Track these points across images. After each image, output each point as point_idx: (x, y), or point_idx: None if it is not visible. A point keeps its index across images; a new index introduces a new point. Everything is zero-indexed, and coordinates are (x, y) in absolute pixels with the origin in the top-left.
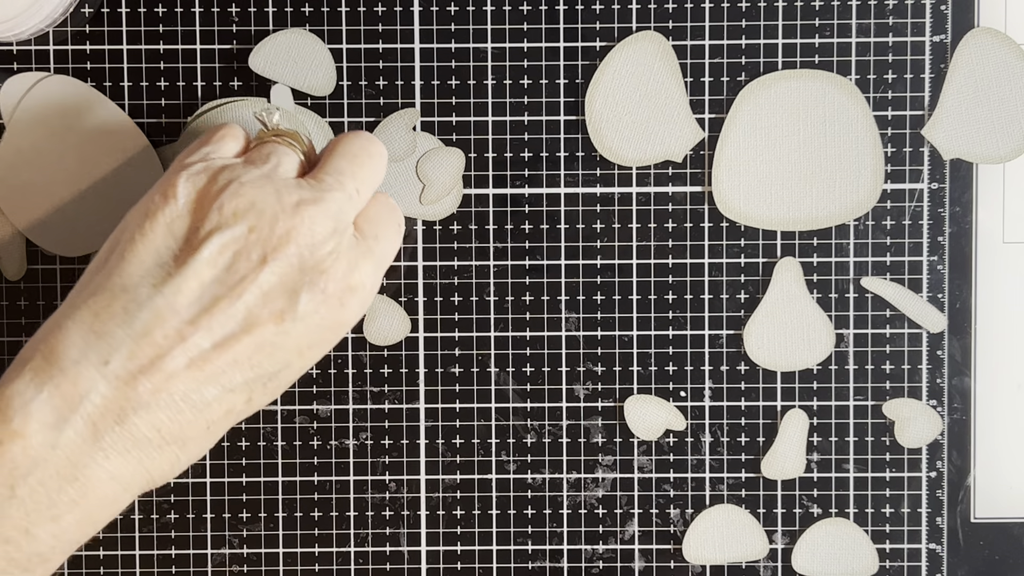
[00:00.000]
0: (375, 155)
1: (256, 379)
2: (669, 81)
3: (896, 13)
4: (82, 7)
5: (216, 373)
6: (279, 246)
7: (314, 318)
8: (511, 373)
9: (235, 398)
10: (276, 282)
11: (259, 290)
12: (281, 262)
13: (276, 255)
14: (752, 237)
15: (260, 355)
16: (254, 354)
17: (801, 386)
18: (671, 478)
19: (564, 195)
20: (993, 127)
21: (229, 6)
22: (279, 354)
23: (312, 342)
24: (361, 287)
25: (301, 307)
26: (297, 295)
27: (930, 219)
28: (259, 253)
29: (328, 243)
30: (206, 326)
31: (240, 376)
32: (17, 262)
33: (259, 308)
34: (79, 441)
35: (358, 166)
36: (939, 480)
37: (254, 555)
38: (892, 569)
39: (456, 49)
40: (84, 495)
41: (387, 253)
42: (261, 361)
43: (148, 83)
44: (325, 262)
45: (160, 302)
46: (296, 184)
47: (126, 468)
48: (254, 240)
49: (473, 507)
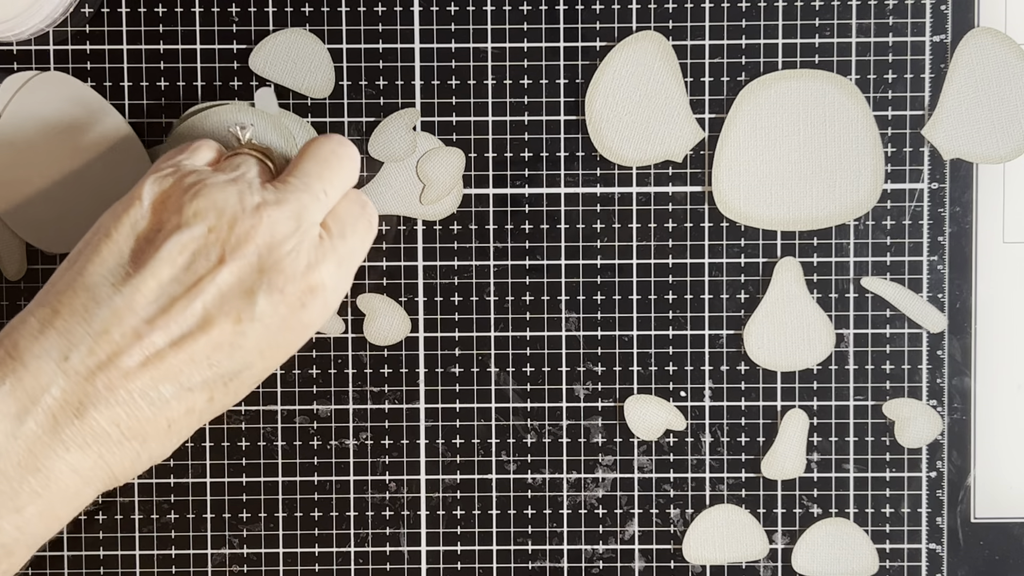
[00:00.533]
0: (344, 157)
1: (216, 378)
2: (669, 81)
3: (896, 13)
4: (82, 7)
5: (173, 371)
6: (237, 246)
7: (273, 318)
8: (511, 373)
9: (195, 397)
10: (234, 282)
11: (216, 290)
12: (239, 262)
13: (234, 255)
14: (752, 237)
15: (219, 354)
16: (212, 353)
17: (801, 386)
18: (671, 478)
19: (564, 195)
20: (993, 127)
21: (229, 6)
22: (239, 354)
23: (273, 343)
24: (322, 287)
25: (259, 307)
26: (255, 295)
27: (930, 219)
28: (217, 253)
29: (287, 243)
30: (163, 325)
31: (199, 375)
32: (17, 262)
33: (216, 308)
34: (40, 432)
35: (326, 167)
36: (939, 480)
37: (254, 555)
38: (892, 569)
39: (456, 49)
40: (46, 486)
41: (354, 251)
42: (220, 360)
43: (148, 83)
44: (283, 262)
45: (119, 301)
46: (260, 187)
47: (86, 461)
48: (213, 240)
49: (473, 507)
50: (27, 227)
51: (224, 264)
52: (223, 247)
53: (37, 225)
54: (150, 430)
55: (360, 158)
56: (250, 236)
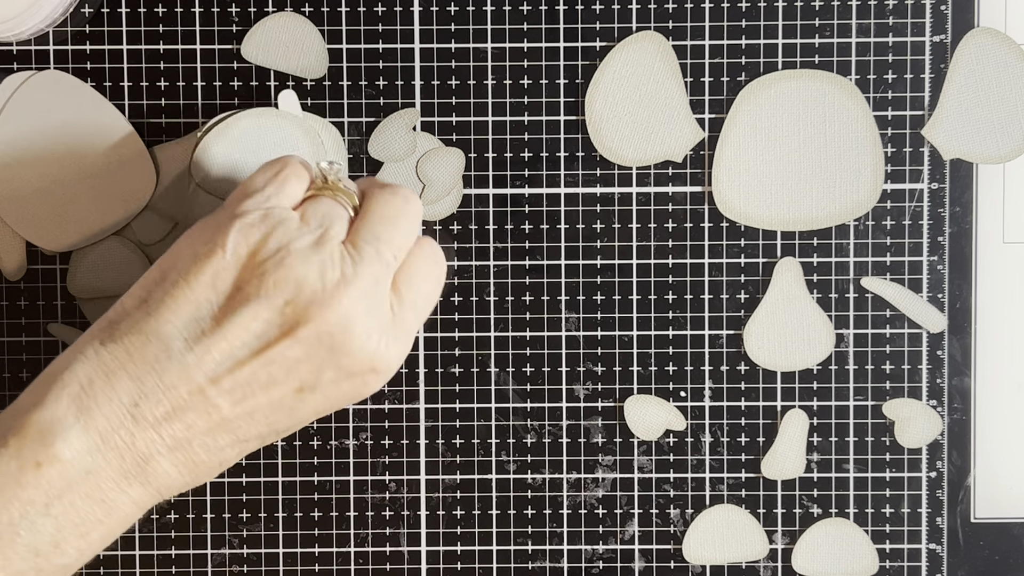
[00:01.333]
0: (411, 215)
1: (271, 433)
2: (669, 81)
3: (896, 13)
4: (82, 7)
5: (232, 427)
6: (310, 322)
7: (335, 391)
8: (511, 373)
9: (249, 446)
10: (302, 355)
11: (284, 360)
12: (310, 338)
13: (307, 331)
14: (752, 237)
15: (277, 415)
16: (271, 414)
17: (801, 386)
18: (671, 478)
19: (564, 195)
20: (993, 127)
21: (229, 6)
22: (296, 416)
23: (329, 407)
24: (387, 370)
25: (323, 382)
26: (321, 371)
27: (930, 219)
28: (291, 325)
29: (359, 324)
30: (228, 388)
31: (255, 430)
32: (17, 262)
33: (282, 376)
34: (108, 470)
35: (396, 231)
36: (939, 480)
37: (254, 555)
38: (892, 569)
39: (456, 49)
40: (109, 515)
41: (422, 317)
42: (278, 420)
43: (148, 83)
44: (353, 345)
45: (190, 359)
46: (340, 257)
47: (146, 495)
48: (289, 313)
49: (473, 507)
50: (27, 226)
51: (294, 338)
52: (297, 320)
53: (37, 224)
54: (203, 472)
55: (423, 211)
56: (324, 316)
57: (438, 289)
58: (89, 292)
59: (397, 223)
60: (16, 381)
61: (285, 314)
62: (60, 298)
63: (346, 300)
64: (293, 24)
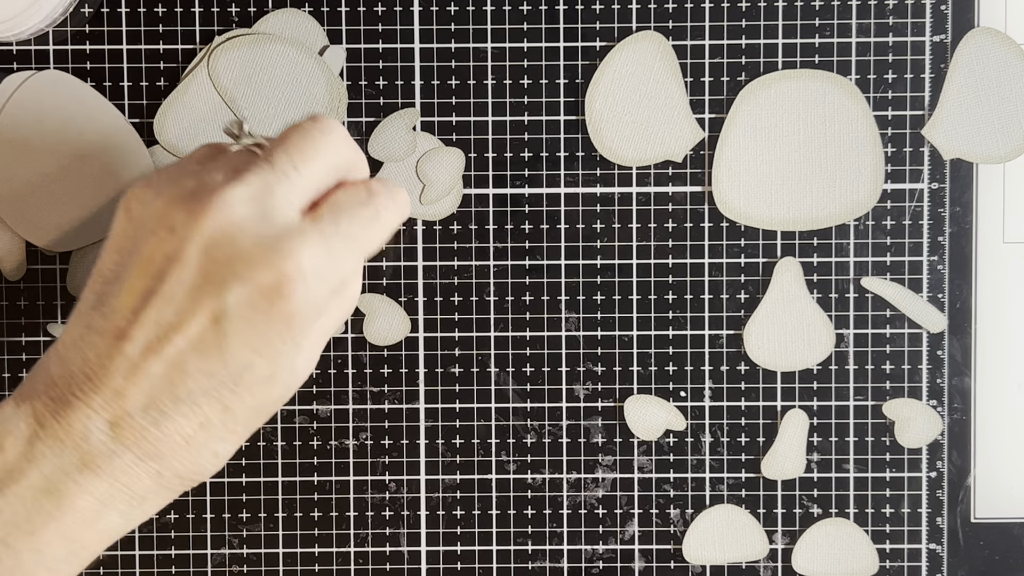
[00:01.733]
0: (318, 131)
1: (218, 386)
2: (669, 81)
3: (896, 13)
4: (82, 7)
5: (163, 384)
6: (192, 236)
7: (251, 310)
8: (511, 373)
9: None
10: (196, 274)
11: (182, 287)
12: (195, 254)
13: (190, 246)
14: (752, 237)
15: (206, 359)
16: (196, 359)
17: (801, 386)
18: (671, 478)
19: (564, 195)
20: (993, 127)
21: (229, 6)
22: (229, 355)
23: (265, 338)
24: (299, 273)
25: (232, 303)
26: (223, 287)
27: (930, 219)
28: (175, 246)
29: (247, 227)
30: (140, 337)
31: (194, 384)
32: (17, 262)
33: (188, 306)
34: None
35: (296, 144)
36: (939, 480)
37: (254, 555)
38: (892, 569)
39: (456, 49)
40: (59, 507)
41: (352, 239)
42: (211, 366)
43: (148, 83)
44: (246, 248)
45: (99, 322)
46: (224, 167)
47: (99, 483)
48: (168, 236)
49: (473, 507)
50: (27, 226)
51: (181, 260)
52: (180, 239)
53: (37, 224)
54: (164, 449)
55: (344, 133)
56: (203, 225)
57: (375, 222)
58: None
59: (300, 143)
60: (16, 381)
61: (167, 239)
62: (60, 298)
63: (227, 204)
64: (295, 21)
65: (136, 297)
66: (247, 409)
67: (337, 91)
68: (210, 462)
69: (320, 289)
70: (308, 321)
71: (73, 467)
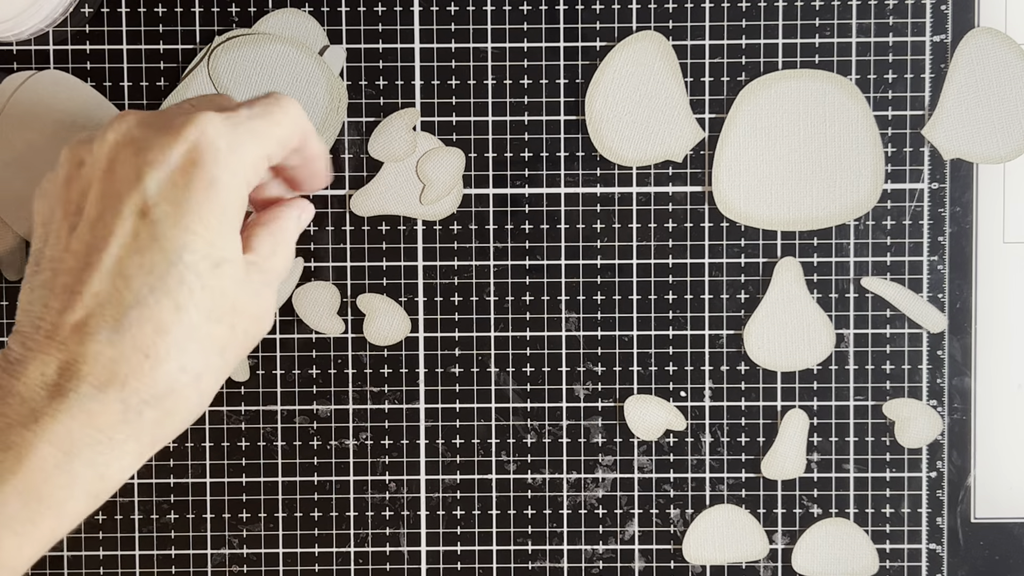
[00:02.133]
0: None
1: (162, 277)
2: (669, 81)
3: (896, 13)
4: (82, 7)
5: (106, 299)
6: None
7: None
8: (511, 373)
9: (154, 311)
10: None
11: (100, 202)
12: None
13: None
14: (752, 237)
15: (143, 255)
16: (135, 257)
17: (801, 386)
18: (671, 478)
19: (564, 195)
20: (993, 127)
21: (229, 6)
22: (165, 241)
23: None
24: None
25: (150, 186)
26: (140, 179)
27: (930, 219)
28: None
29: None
30: (69, 266)
31: (137, 284)
32: (17, 262)
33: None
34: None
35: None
36: (939, 480)
37: (254, 555)
38: (892, 569)
39: (456, 49)
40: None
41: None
42: (150, 260)
43: (148, 83)
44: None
45: (39, 277)
46: None
47: (57, 427)
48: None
49: (473, 507)
50: (27, 226)
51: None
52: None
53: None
54: (124, 369)
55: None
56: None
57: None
58: None
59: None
60: None
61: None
62: None
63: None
64: (295, 21)
65: (65, 237)
66: (200, 308)
67: (337, 91)
68: (178, 379)
69: (231, 156)
70: (230, 189)
71: (29, 417)
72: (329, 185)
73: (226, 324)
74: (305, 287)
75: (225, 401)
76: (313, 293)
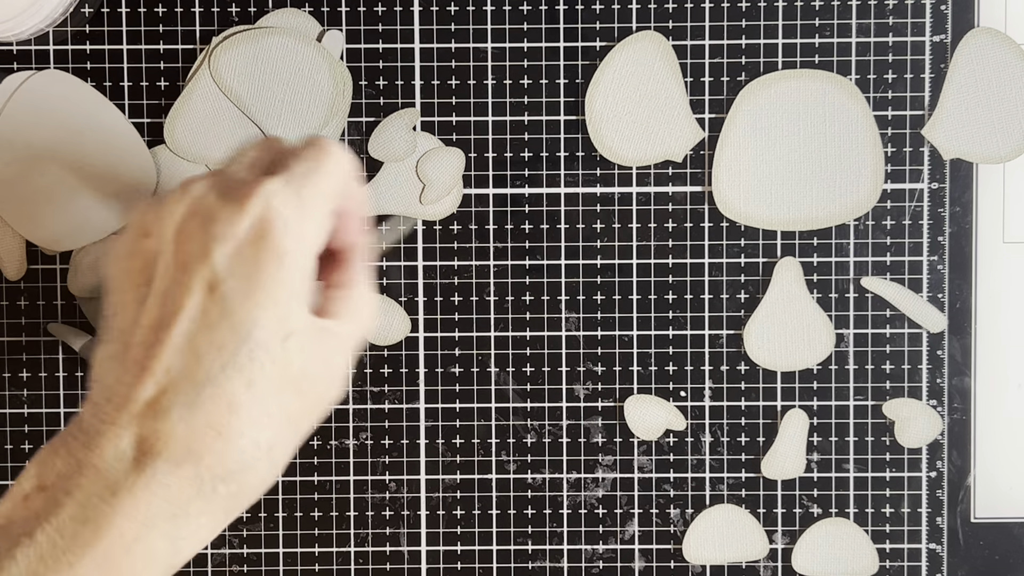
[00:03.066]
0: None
1: (233, 356)
2: (669, 81)
3: (896, 13)
4: (82, 7)
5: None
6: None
7: (241, 263)
8: (511, 373)
9: (226, 388)
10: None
11: (168, 276)
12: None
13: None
14: (752, 237)
15: (213, 331)
16: (205, 334)
17: (801, 386)
18: (671, 478)
19: (564, 195)
20: (993, 127)
21: (229, 6)
22: (235, 319)
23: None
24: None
25: (218, 260)
26: (207, 254)
27: (930, 219)
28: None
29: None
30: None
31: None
32: (17, 262)
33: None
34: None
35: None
36: (939, 480)
37: (254, 555)
38: (892, 569)
39: (456, 49)
40: (96, 534)
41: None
42: (220, 338)
43: (148, 83)
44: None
45: (109, 350)
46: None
47: (135, 503)
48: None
49: (473, 507)
50: (27, 226)
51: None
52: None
53: (37, 225)
54: (197, 446)
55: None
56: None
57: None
58: (89, 292)
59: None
60: (16, 381)
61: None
62: (60, 298)
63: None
64: (295, 20)
65: (133, 309)
66: (271, 382)
67: (341, 75)
68: (251, 454)
69: (299, 225)
70: (298, 259)
71: (107, 491)
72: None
73: (296, 394)
74: None
75: None
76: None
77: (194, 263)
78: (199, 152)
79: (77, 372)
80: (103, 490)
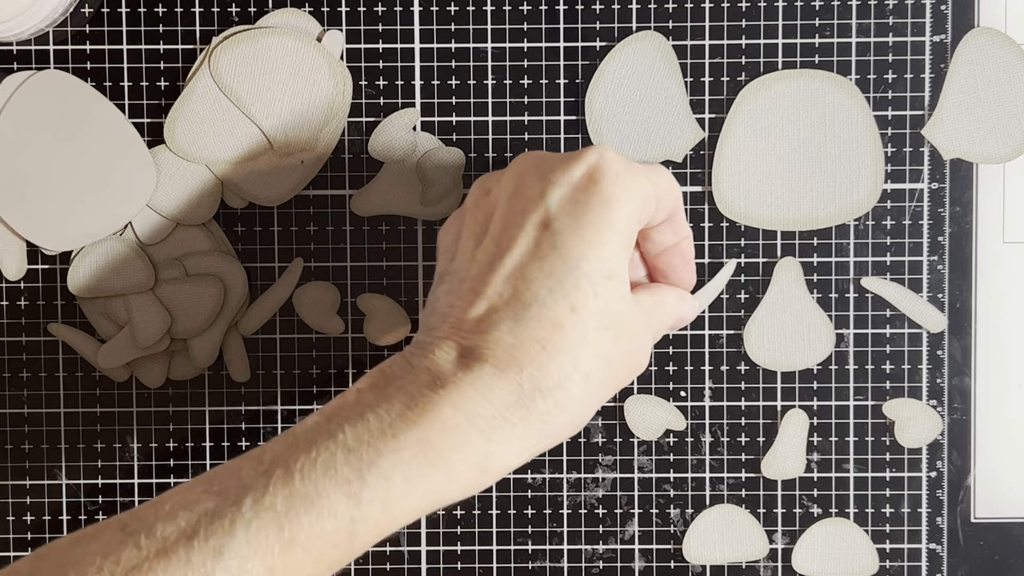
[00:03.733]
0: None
1: (561, 282)
2: (669, 81)
3: (896, 13)
4: (82, 7)
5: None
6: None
7: (573, 205)
8: None
9: (552, 309)
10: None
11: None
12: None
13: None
14: (752, 237)
15: (543, 261)
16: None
17: (801, 386)
18: (671, 478)
19: None
20: (993, 127)
21: (229, 6)
22: (564, 251)
23: (590, 226)
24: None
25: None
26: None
27: (930, 219)
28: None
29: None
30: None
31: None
32: (17, 262)
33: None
34: (411, 379)
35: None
36: (939, 480)
37: None
38: (892, 569)
39: (456, 49)
40: (423, 415)
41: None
42: (551, 266)
43: (148, 83)
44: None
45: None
46: None
47: (459, 392)
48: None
49: (473, 507)
50: (27, 226)
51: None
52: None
53: (37, 224)
54: (521, 356)
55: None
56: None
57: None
58: (89, 292)
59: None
60: (16, 381)
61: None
62: (60, 298)
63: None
64: (295, 20)
65: (471, 249)
66: (592, 314)
67: (340, 75)
68: (569, 375)
69: (627, 180)
70: (623, 208)
71: (436, 383)
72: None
73: (613, 335)
74: (305, 287)
75: (225, 401)
76: (313, 293)
77: (530, 206)
78: (199, 152)
79: (77, 372)
80: (432, 382)
